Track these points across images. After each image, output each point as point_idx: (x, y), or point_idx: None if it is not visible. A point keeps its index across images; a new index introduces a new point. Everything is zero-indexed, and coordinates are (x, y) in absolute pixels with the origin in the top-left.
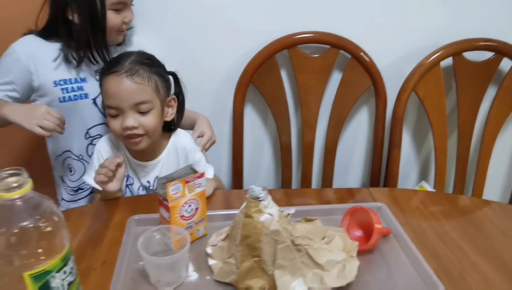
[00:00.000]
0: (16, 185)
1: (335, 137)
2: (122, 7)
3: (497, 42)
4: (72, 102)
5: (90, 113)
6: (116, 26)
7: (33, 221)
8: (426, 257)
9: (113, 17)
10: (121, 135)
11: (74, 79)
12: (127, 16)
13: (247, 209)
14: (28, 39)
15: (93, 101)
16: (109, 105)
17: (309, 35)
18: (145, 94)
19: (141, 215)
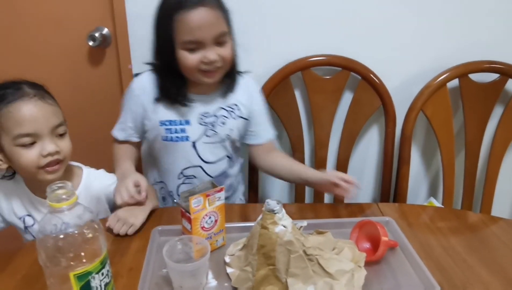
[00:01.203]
0: (65, 197)
1: (346, 154)
2: (196, 47)
3: (502, 64)
4: (173, 142)
5: (187, 155)
6: (191, 66)
7: (77, 228)
8: (431, 268)
9: (186, 57)
10: (36, 167)
11: (179, 121)
12: (206, 56)
13: (263, 221)
14: (145, 78)
15: (193, 144)
16: (23, 133)
17: (321, 58)
18: (60, 116)
19: (164, 226)
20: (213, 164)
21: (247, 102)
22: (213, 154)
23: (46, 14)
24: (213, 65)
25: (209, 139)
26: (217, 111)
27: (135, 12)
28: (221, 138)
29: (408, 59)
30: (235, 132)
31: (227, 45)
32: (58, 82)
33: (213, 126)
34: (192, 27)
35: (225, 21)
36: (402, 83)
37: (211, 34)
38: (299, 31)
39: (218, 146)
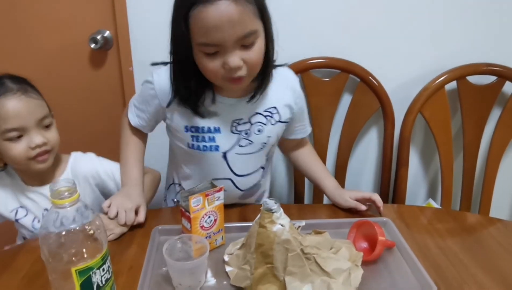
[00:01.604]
0: (67, 194)
1: (345, 156)
2: (215, 50)
3: (500, 67)
4: (200, 152)
5: (216, 166)
6: (211, 73)
7: (79, 224)
8: (427, 268)
9: (204, 62)
10: (26, 158)
11: (208, 128)
12: (227, 62)
13: (261, 220)
14: (165, 75)
15: (223, 154)
16: (9, 128)
17: (320, 60)
18: (45, 108)
19: (164, 225)
20: (245, 177)
21: (288, 101)
22: (246, 166)
23: (48, 17)
24: (237, 74)
25: (243, 150)
26: (252, 117)
27: (136, 15)
28: (257, 147)
29: (407, 62)
30: (273, 139)
31: (256, 46)
32: (60, 84)
33: (248, 134)
34: (208, 27)
35: (255, 16)
36: (400, 86)
37: (233, 35)
38: (298, 33)
39: (252, 157)
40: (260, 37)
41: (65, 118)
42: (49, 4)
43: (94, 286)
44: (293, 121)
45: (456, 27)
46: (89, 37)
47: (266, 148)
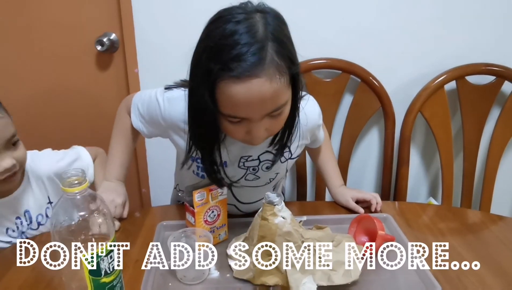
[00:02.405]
0: (77, 182)
1: (347, 155)
2: (241, 120)
3: (498, 67)
4: (206, 180)
5: None
6: (233, 135)
7: (88, 212)
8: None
9: (227, 128)
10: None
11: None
12: (252, 131)
13: (263, 213)
14: (176, 104)
15: (229, 185)
16: None
17: (322, 61)
18: (11, 126)
19: (169, 221)
20: (250, 204)
21: (303, 138)
22: (252, 196)
23: (55, 19)
24: (259, 140)
25: (249, 183)
26: (261, 155)
27: (142, 18)
28: (264, 181)
29: (407, 62)
30: (281, 174)
31: (282, 115)
32: (66, 86)
33: (255, 170)
34: (238, 104)
35: (288, 87)
36: (401, 86)
37: (263, 112)
38: (299, 35)
39: (259, 189)
40: (287, 105)
41: (71, 120)
42: (56, 7)
43: (102, 272)
44: (309, 144)
45: (455, 28)
46: (96, 39)
47: (274, 182)
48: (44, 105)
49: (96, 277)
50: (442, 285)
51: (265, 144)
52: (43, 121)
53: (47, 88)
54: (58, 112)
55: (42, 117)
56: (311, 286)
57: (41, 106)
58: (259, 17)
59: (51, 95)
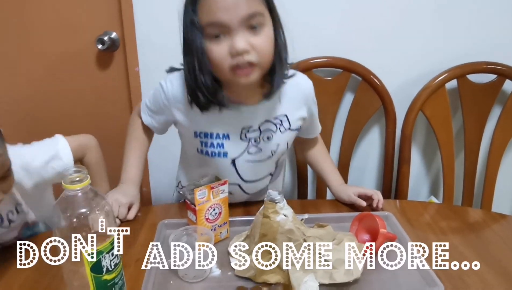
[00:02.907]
0: (78, 179)
1: (348, 154)
2: (220, 32)
3: (499, 65)
4: (209, 157)
5: (225, 172)
6: (219, 60)
7: (90, 209)
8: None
9: (211, 49)
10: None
11: (217, 134)
12: (233, 44)
13: (264, 210)
14: (177, 82)
15: (232, 161)
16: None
17: (323, 59)
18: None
19: (170, 219)
20: (253, 183)
21: (301, 112)
22: (255, 173)
23: (56, 18)
24: (244, 58)
25: (252, 157)
26: (261, 124)
27: (142, 17)
28: (267, 155)
29: (408, 61)
30: (282, 147)
31: (263, 31)
32: (67, 84)
33: (257, 142)
34: (213, 6)
35: (261, 3)
36: (402, 84)
37: (238, 14)
38: (301, 33)
39: (261, 165)
40: (267, 26)
41: (72, 118)
42: (57, 6)
43: (104, 269)
44: (305, 127)
45: (457, 26)
46: (96, 38)
47: (276, 156)
48: (45, 104)
49: (98, 274)
50: (444, 284)
51: (263, 114)
52: (44, 120)
53: (47, 87)
54: (58, 111)
55: (42, 116)
56: (312, 284)
57: (42, 105)
58: None
59: (52, 93)
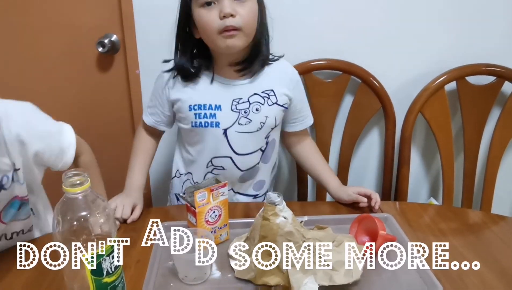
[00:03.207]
0: (79, 182)
1: (348, 156)
2: (212, 1)
3: (498, 67)
4: (202, 128)
5: (217, 143)
6: (209, 25)
7: (90, 212)
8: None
9: (202, 15)
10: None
11: (209, 105)
12: (221, 9)
13: (264, 213)
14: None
15: (224, 131)
16: None
17: (322, 62)
18: None
19: (171, 221)
20: (244, 156)
21: (286, 89)
22: (246, 145)
23: (57, 21)
24: (231, 22)
25: (242, 128)
26: (250, 97)
27: (143, 19)
28: (256, 127)
29: (407, 63)
30: (271, 120)
31: (248, 4)
32: (68, 87)
33: (246, 113)
34: None
35: None
36: (401, 86)
37: None
38: (300, 36)
39: (252, 136)
40: (252, 1)
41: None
42: (58, 8)
43: (104, 272)
44: (292, 111)
45: (455, 28)
46: (97, 41)
47: (265, 129)
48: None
49: (98, 277)
50: (443, 285)
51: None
52: None
53: (48, 89)
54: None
55: None
56: (312, 286)
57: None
58: None
59: (52, 96)
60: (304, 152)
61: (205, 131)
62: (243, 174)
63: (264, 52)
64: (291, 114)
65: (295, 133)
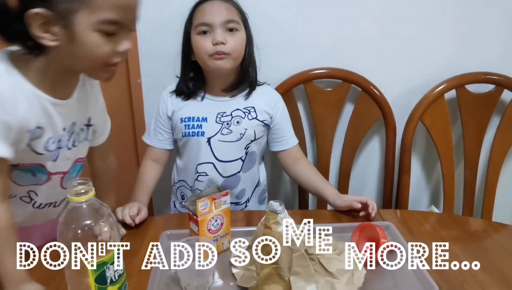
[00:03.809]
0: (83, 191)
1: (348, 164)
2: (207, 30)
3: (497, 76)
4: (190, 137)
5: (202, 150)
6: (203, 49)
7: (94, 220)
8: (429, 270)
9: (198, 40)
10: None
11: (197, 117)
12: (214, 37)
13: (266, 221)
14: (173, 85)
15: (208, 140)
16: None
17: (323, 71)
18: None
19: (172, 230)
20: (225, 163)
21: (267, 107)
22: (226, 153)
23: None
24: (221, 48)
25: (224, 137)
26: (233, 111)
27: (145, 28)
28: (236, 137)
29: (407, 71)
30: (250, 132)
31: (237, 34)
32: None
33: (228, 124)
34: (204, 12)
35: (238, 17)
36: (401, 95)
37: (220, 18)
38: (301, 45)
39: (232, 146)
40: (242, 32)
41: None
42: None
43: (108, 280)
44: (276, 129)
45: (454, 37)
46: None
47: (244, 140)
48: None
49: (102, 285)
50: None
51: (235, 105)
52: None
53: None
54: None
55: None
56: None
57: None
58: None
59: None
60: (300, 170)
61: (192, 140)
62: (225, 181)
63: (251, 78)
64: (275, 132)
65: (288, 154)
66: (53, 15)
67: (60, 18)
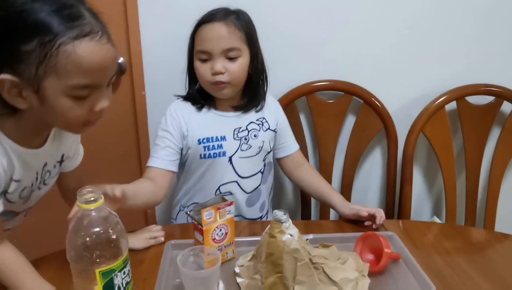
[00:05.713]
0: (93, 199)
1: (351, 175)
2: (207, 58)
3: (497, 87)
4: (211, 159)
5: (224, 171)
6: (202, 76)
7: (103, 228)
8: (432, 279)
9: (198, 67)
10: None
11: (216, 137)
12: (213, 66)
13: (271, 230)
14: (179, 102)
15: (229, 159)
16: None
17: (325, 83)
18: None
19: (177, 240)
20: (248, 179)
21: (273, 115)
22: (248, 168)
23: None
24: (220, 78)
25: (244, 153)
26: (248, 125)
27: (149, 42)
28: (255, 151)
29: (408, 83)
30: (267, 144)
31: (238, 61)
32: None
33: (247, 139)
34: (204, 38)
35: (241, 40)
36: (402, 106)
37: (220, 46)
38: (303, 57)
39: (252, 160)
40: (244, 56)
41: None
42: None
43: (116, 287)
44: (280, 136)
45: (455, 49)
46: None
47: (262, 153)
48: None
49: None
50: None
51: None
52: None
53: None
54: None
55: None
56: None
57: None
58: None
59: None
60: (304, 175)
61: (213, 161)
62: (249, 197)
63: (260, 96)
64: (278, 138)
65: (291, 160)
66: (21, 81)
67: (28, 84)
